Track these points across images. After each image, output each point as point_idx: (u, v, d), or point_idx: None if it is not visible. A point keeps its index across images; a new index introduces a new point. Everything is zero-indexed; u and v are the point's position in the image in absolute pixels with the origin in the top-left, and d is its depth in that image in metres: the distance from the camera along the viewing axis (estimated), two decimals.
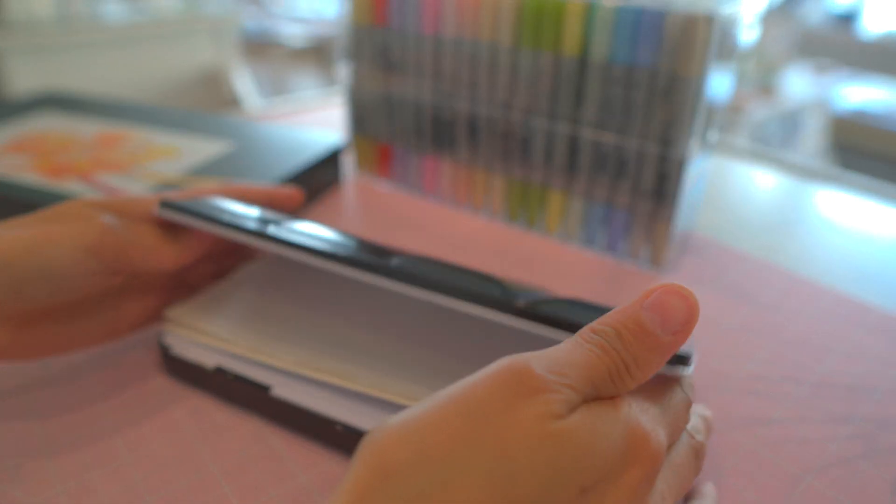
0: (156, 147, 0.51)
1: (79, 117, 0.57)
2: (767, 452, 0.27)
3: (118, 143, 0.52)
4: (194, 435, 0.27)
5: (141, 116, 0.58)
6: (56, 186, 0.43)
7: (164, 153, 0.50)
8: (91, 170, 0.47)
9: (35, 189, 0.43)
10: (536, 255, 0.43)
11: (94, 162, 0.48)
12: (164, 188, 0.43)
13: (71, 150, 0.50)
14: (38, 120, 0.57)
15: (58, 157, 0.49)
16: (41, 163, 0.47)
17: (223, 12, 1.83)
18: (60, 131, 0.54)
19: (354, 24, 0.47)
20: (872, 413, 0.30)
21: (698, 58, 0.35)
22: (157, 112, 0.58)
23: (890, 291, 0.41)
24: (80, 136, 0.53)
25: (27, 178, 0.44)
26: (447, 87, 0.44)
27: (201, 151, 0.51)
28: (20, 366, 0.31)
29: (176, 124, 0.56)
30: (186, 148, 0.51)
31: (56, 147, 0.51)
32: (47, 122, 0.56)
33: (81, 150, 0.50)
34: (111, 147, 0.51)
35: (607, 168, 0.40)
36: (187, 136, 0.53)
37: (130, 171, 0.47)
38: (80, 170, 0.47)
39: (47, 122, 0.56)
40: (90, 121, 0.57)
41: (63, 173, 0.46)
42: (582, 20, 0.37)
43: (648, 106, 0.37)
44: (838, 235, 0.48)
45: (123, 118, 0.57)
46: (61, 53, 1.53)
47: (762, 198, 0.55)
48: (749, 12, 0.39)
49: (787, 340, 0.35)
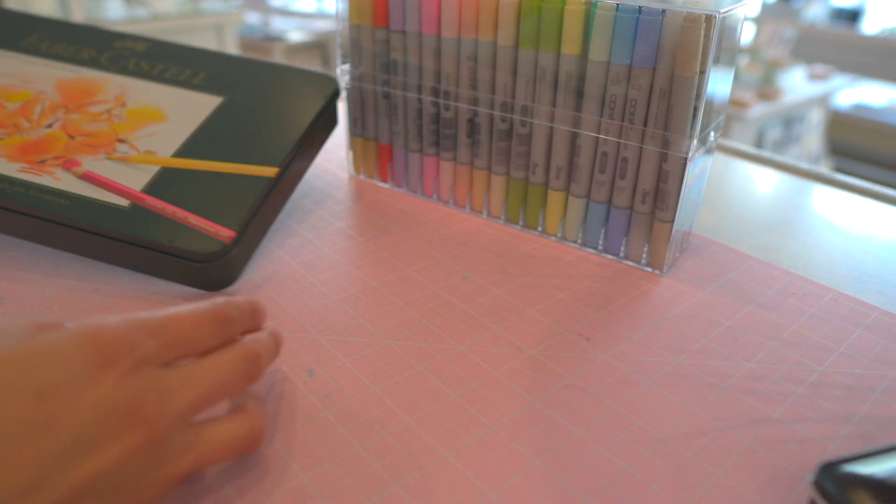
0: (136, 109, 0.43)
1: (26, 51, 0.48)
2: (767, 452, 0.28)
3: (87, 100, 0.44)
4: None
5: (102, 47, 0.49)
6: (35, 180, 0.38)
7: (148, 117, 0.43)
8: (71, 150, 0.40)
9: (13, 184, 0.38)
10: (536, 255, 0.43)
11: (67, 134, 0.41)
12: (167, 177, 0.39)
13: (31, 112, 0.42)
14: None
15: (19, 127, 0.41)
16: (5, 143, 0.40)
17: (225, 10, 1.83)
18: (9, 80, 0.44)
19: (354, 23, 0.47)
20: (872, 413, 0.30)
21: (698, 58, 0.35)
22: (121, 43, 0.50)
23: (890, 291, 0.41)
24: (38, 87, 0.44)
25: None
26: (447, 87, 0.44)
27: (189, 110, 0.44)
28: None
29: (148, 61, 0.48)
30: (171, 107, 0.44)
31: (11, 111, 0.42)
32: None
33: (46, 115, 0.42)
34: (80, 105, 0.43)
35: (607, 168, 0.40)
36: (167, 87, 0.46)
37: (116, 149, 0.41)
38: (55, 149, 0.40)
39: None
40: (42, 59, 0.47)
41: (36, 154, 0.39)
42: (582, 20, 0.37)
43: (648, 106, 0.37)
44: (838, 235, 0.48)
45: (81, 56, 0.48)
46: None
47: (762, 198, 0.55)
48: (749, 12, 0.39)
49: (787, 340, 0.35)
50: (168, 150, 0.41)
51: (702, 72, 0.35)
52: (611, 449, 0.27)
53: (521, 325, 0.35)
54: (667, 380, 0.32)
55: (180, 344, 0.24)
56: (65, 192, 0.38)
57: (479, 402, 0.30)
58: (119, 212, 0.37)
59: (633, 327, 0.35)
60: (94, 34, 0.50)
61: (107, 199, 0.38)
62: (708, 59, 0.35)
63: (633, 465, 0.27)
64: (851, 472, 0.24)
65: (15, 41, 0.49)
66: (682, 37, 0.34)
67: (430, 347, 0.33)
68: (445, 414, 0.29)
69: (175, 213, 0.37)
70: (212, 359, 0.25)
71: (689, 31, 0.34)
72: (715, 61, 0.36)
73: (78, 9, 1.61)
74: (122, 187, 0.39)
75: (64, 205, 0.37)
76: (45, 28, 0.50)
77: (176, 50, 0.49)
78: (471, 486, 0.25)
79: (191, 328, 0.25)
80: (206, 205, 0.38)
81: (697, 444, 0.28)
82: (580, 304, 0.37)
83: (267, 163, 0.41)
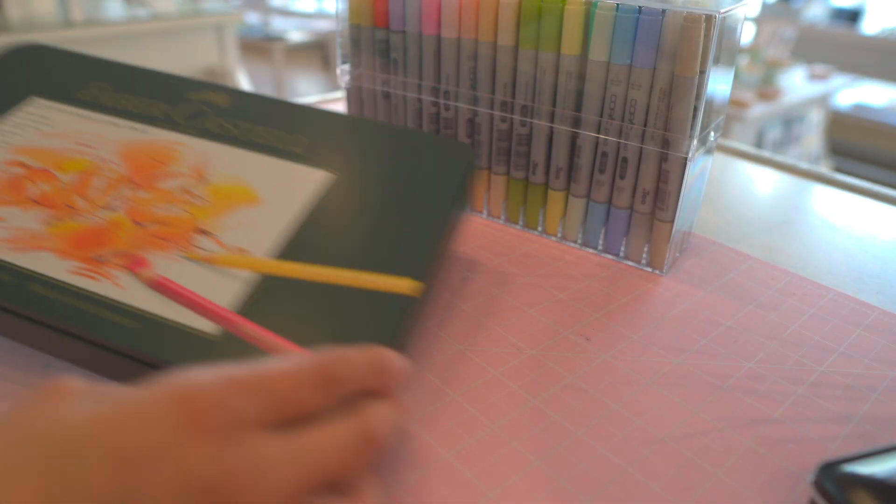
0: (220, 186, 0.34)
1: (83, 105, 0.39)
2: (767, 452, 0.28)
3: (158, 171, 0.35)
4: None
5: (174, 99, 0.39)
6: (91, 287, 0.28)
7: (236, 198, 0.33)
8: (138, 244, 0.30)
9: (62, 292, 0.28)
10: (536, 255, 0.43)
11: (133, 221, 0.32)
12: (268, 290, 0.29)
13: (88, 187, 0.33)
14: (23, 114, 0.38)
15: (73, 209, 0.32)
16: (55, 229, 0.31)
17: (225, 10, 1.83)
18: (61, 142, 0.36)
19: (354, 23, 0.47)
20: (872, 413, 0.30)
21: (698, 58, 0.35)
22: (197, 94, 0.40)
23: (890, 291, 0.41)
24: (98, 152, 0.36)
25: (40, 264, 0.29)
26: (447, 87, 0.44)
27: (288, 189, 0.34)
28: (20, 366, 0.31)
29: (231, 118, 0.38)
30: (265, 184, 0.34)
31: (65, 185, 0.33)
32: (35, 117, 0.38)
33: (108, 192, 0.33)
34: (149, 179, 0.34)
35: (607, 168, 0.40)
36: (257, 155, 0.36)
37: (196, 243, 0.31)
38: (117, 241, 0.30)
39: (35, 117, 0.38)
40: (103, 115, 0.38)
41: (93, 248, 0.30)
42: (582, 20, 0.37)
43: (648, 106, 0.37)
44: (838, 235, 0.48)
45: (151, 111, 0.39)
46: None
47: (762, 198, 0.55)
48: (749, 12, 0.39)
49: (787, 340, 0.35)
50: (265, 247, 0.31)
51: (702, 72, 0.35)
52: (611, 449, 0.27)
53: (521, 325, 0.35)
54: (667, 380, 0.32)
55: (282, 405, 0.21)
56: (131, 309, 0.28)
57: (479, 403, 0.30)
58: (205, 343, 0.27)
59: (632, 327, 0.36)
60: (164, 82, 0.41)
61: (187, 322, 0.27)
62: (708, 59, 0.35)
63: (633, 465, 0.27)
64: (851, 472, 0.24)
65: (70, 91, 0.40)
66: (682, 37, 0.34)
67: (430, 347, 0.33)
68: (445, 414, 0.29)
69: (281, 347, 0.27)
70: (319, 430, 0.21)
71: (689, 31, 0.34)
72: (715, 61, 0.36)
73: (78, 9, 1.61)
74: (209, 305, 0.28)
75: (130, 329, 0.27)
76: (107, 74, 0.42)
77: (265, 105, 0.40)
78: (471, 486, 0.25)
79: (294, 388, 0.21)
80: (326, 335, 0.28)
81: (697, 444, 0.28)
82: (580, 304, 0.37)
83: (402, 271, 0.30)
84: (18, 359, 0.31)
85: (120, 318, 0.27)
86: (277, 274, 0.30)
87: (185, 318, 0.28)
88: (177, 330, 0.27)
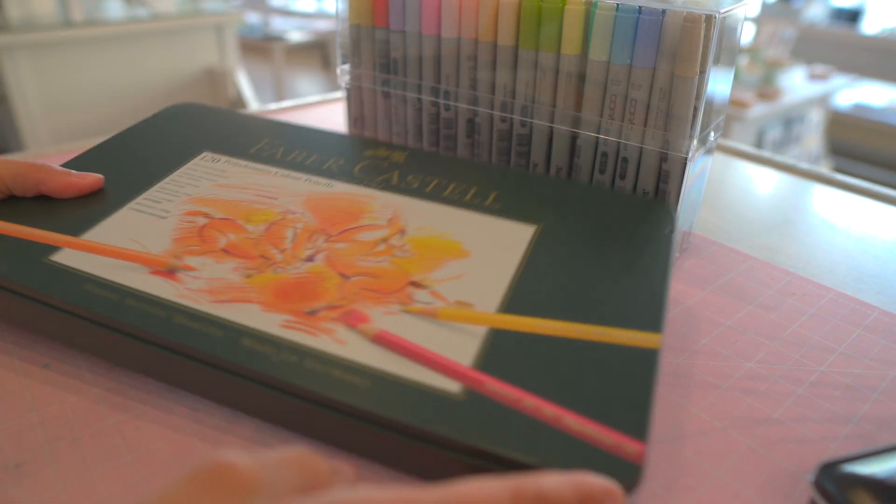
0: (422, 238, 0.33)
1: (259, 160, 0.39)
2: (767, 452, 0.28)
3: (353, 224, 0.33)
4: (194, 435, 0.27)
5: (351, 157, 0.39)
6: (310, 343, 0.26)
7: (443, 251, 0.32)
8: (349, 297, 0.29)
9: (279, 348, 0.26)
10: None
11: (338, 272, 0.30)
12: (501, 345, 0.27)
13: (281, 238, 0.32)
14: (196, 166, 0.38)
15: (269, 259, 0.31)
16: (254, 281, 0.29)
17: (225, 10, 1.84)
18: (241, 193, 0.35)
19: (354, 23, 0.47)
20: (872, 413, 0.30)
21: (698, 58, 0.35)
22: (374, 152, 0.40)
23: (890, 291, 0.41)
24: (283, 203, 0.35)
25: (247, 317, 0.28)
26: (447, 87, 0.44)
27: (496, 243, 0.33)
28: (21, 365, 0.31)
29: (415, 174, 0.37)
30: (469, 238, 0.33)
31: (255, 236, 0.32)
32: (209, 170, 0.37)
33: (302, 242, 0.32)
34: (344, 231, 0.33)
35: (607, 168, 0.40)
36: (453, 209, 0.35)
37: (412, 297, 0.29)
38: (326, 293, 0.29)
39: (209, 170, 0.37)
40: (280, 168, 0.38)
41: (301, 301, 0.28)
42: (582, 20, 0.37)
43: (648, 106, 0.37)
44: (838, 235, 0.48)
45: (328, 167, 0.38)
46: (61, 53, 1.53)
47: (762, 198, 0.55)
48: (749, 12, 0.39)
49: (787, 340, 0.35)
50: (489, 300, 0.29)
51: (702, 72, 0.35)
52: None
53: None
54: (667, 380, 0.32)
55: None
56: (359, 366, 0.26)
57: None
58: (448, 402, 0.24)
59: None
60: (336, 140, 0.41)
61: (423, 379, 0.25)
62: (708, 59, 0.35)
63: None
64: (851, 472, 0.24)
65: (240, 146, 0.40)
66: (682, 37, 0.34)
67: None
68: None
69: (528, 404, 0.24)
70: None
71: (689, 31, 0.34)
72: (715, 61, 0.36)
73: (78, 9, 1.61)
74: (448, 362, 0.26)
75: (362, 388, 0.25)
76: (274, 131, 0.41)
77: (447, 163, 0.39)
78: None
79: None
80: (576, 392, 0.25)
81: (697, 444, 0.28)
82: None
83: (641, 325, 0.29)
84: (19, 358, 0.31)
85: (349, 376, 0.25)
86: (510, 328, 0.28)
87: (420, 376, 0.25)
88: (414, 388, 0.25)
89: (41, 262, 0.30)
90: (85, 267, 0.30)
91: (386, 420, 0.24)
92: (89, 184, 0.35)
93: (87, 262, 0.30)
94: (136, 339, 0.27)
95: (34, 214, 0.34)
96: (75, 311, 0.28)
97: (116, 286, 0.29)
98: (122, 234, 0.33)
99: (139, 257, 0.31)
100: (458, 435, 0.23)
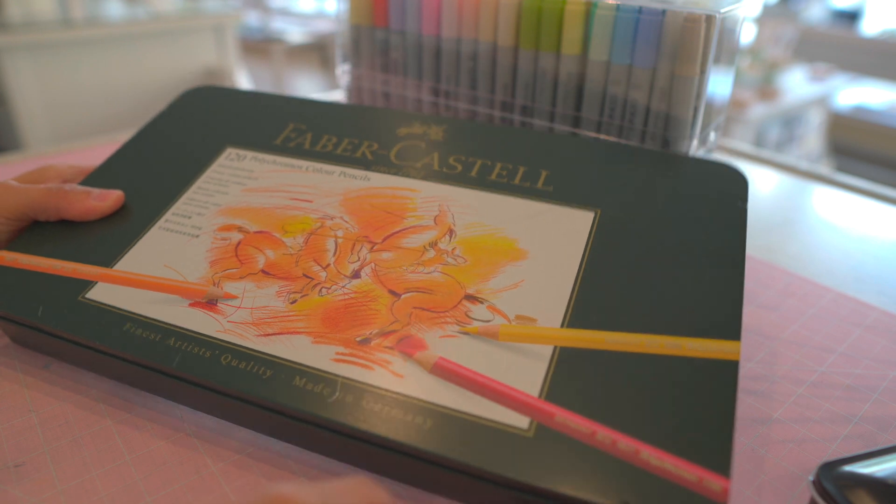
0: (473, 239, 0.29)
1: (286, 152, 0.36)
2: (767, 452, 0.27)
3: (397, 228, 0.30)
4: (194, 435, 0.27)
5: (384, 138, 0.35)
6: (365, 378, 0.24)
7: (498, 253, 0.29)
8: (401, 319, 0.26)
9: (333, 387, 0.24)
10: None
11: (387, 290, 0.28)
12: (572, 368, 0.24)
13: (322, 251, 0.30)
14: (221, 168, 0.35)
15: (314, 279, 0.28)
16: (300, 307, 0.27)
17: (225, 10, 1.83)
18: (273, 197, 0.33)
19: (354, 23, 0.47)
20: (872, 413, 0.30)
21: (698, 58, 0.35)
22: (408, 129, 0.36)
23: (890, 291, 0.41)
24: (319, 207, 0.32)
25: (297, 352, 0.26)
26: (447, 87, 0.44)
27: (554, 237, 0.29)
28: (21, 365, 0.31)
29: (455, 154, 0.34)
30: (526, 233, 0.30)
31: (294, 251, 0.30)
32: (235, 170, 0.35)
33: (345, 254, 0.29)
34: (388, 237, 0.30)
35: None
36: (503, 197, 0.32)
37: (470, 314, 0.26)
38: (377, 317, 0.26)
39: (235, 170, 0.35)
40: (311, 161, 0.35)
41: (351, 328, 0.26)
42: (582, 20, 0.37)
43: (648, 106, 0.37)
44: (838, 235, 0.48)
45: (362, 155, 0.35)
46: (61, 53, 1.53)
47: (762, 198, 0.55)
48: (749, 12, 0.39)
49: (787, 340, 0.35)
50: (552, 312, 0.26)
51: (702, 72, 0.35)
52: None
53: None
54: None
55: None
56: (419, 403, 0.24)
57: None
58: (517, 441, 0.22)
59: None
60: (364, 116, 0.37)
61: (488, 415, 0.23)
62: (708, 59, 0.35)
63: None
64: (851, 472, 0.24)
65: (264, 136, 0.37)
66: (682, 37, 0.34)
67: None
68: None
69: (602, 438, 0.22)
70: None
71: (689, 31, 0.34)
72: (715, 61, 0.36)
73: (78, 8, 1.61)
74: (514, 393, 0.24)
75: (425, 429, 0.23)
76: (297, 113, 0.38)
77: (487, 133, 0.35)
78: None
79: None
80: (652, 420, 0.23)
81: None
82: None
83: (719, 331, 0.26)
84: (17, 360, 0.31)
85: (411, 416, 0.23)
86: (577, 346, 0.25)
87: (485, 411, 0.23)
88: (479, 426, 0.23)
89: (78, 302, 0.29)
90: (122, 304, 0.28)
91: (451, 462, 0.22)
92: (110, 206, 0.34)
93: (123, 298, 0.29)
94: (181, 381, 0.26)
95: (62, 242, 0.32)
96: (118, 355, 0.27)
97: (157, 324, 0.27)
98: (155, 261, 0.30)
99: (176, 288, 0.29)
100: (529, 478, 0.21)
